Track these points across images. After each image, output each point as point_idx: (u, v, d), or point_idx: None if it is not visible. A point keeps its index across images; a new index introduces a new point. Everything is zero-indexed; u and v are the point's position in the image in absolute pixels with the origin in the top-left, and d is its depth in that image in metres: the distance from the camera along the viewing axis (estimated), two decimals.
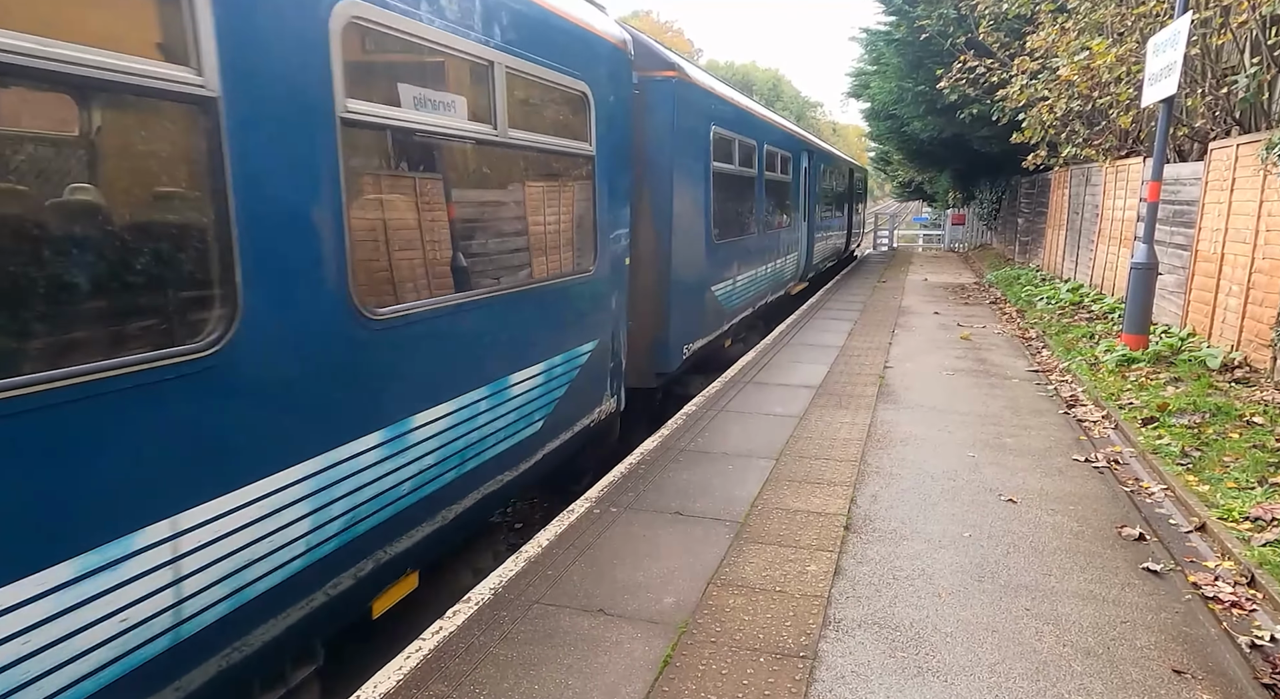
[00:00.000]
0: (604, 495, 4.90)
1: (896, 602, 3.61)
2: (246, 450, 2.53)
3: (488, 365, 4.05)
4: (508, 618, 3.42)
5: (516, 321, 4.38)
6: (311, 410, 2.81)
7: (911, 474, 5.33)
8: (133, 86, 2.17)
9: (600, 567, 3.93)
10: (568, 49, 4.77)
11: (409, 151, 3.64)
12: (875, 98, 23.03)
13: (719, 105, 8.75)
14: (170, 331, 2.33)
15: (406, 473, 3.35)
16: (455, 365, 3.77)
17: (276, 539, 2.65)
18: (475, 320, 3.94)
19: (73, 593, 2.03)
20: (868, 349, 9.92)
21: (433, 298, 3.59)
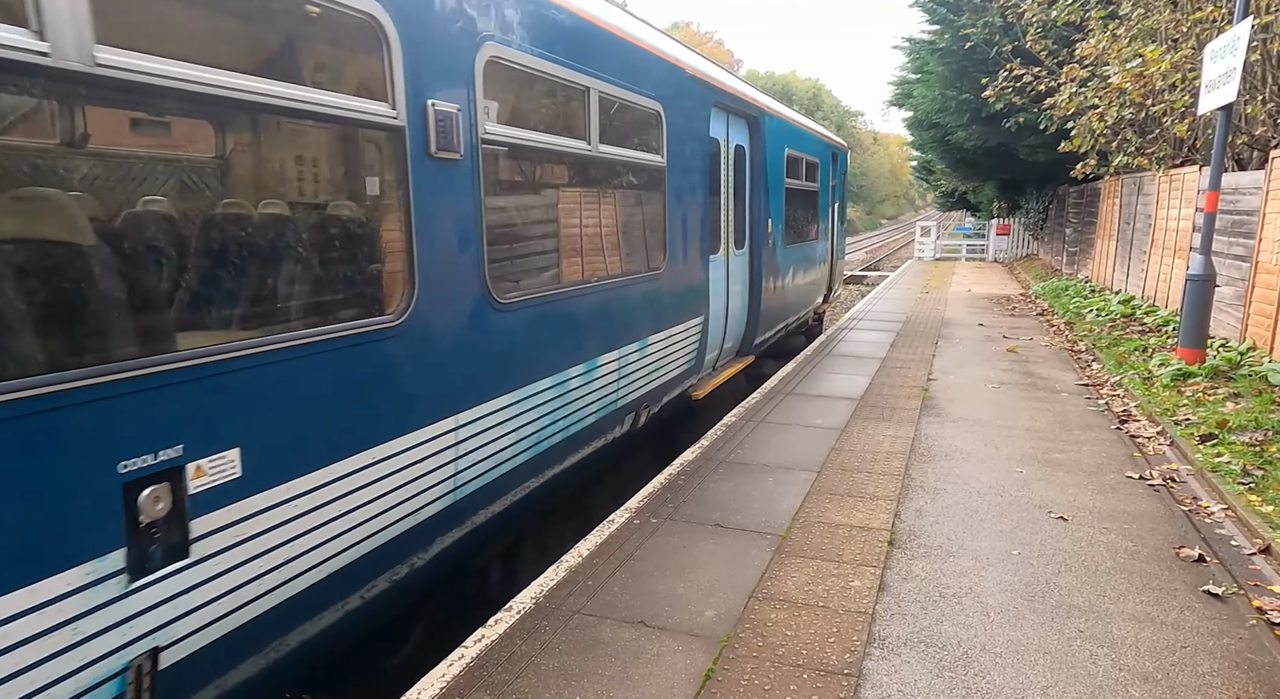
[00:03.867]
0: (643, 506, 4.89)
1: (944, 620, 3.53)
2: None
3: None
4: (549, 628, 3.43)
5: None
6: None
7: (957, 489, 5.23)
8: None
9: (640, 578, 3.92)
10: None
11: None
12: (918, 107, 22.77)
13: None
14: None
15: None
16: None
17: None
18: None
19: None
20: (910, 361, 9.77)
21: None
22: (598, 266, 5.30)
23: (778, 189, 9.27)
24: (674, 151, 6.24)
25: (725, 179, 7.69)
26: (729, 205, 7.82)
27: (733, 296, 8.07)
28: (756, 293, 8.70)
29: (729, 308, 7.98)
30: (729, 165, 7.84)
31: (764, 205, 8.68)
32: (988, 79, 14.37)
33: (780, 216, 9.40)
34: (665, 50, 6.17)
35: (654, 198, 6.06)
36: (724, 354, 8.15)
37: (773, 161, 8.99)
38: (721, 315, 7.71)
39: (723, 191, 7.63)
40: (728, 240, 7.84)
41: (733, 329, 8.21)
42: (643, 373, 5.88)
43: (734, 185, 8.02)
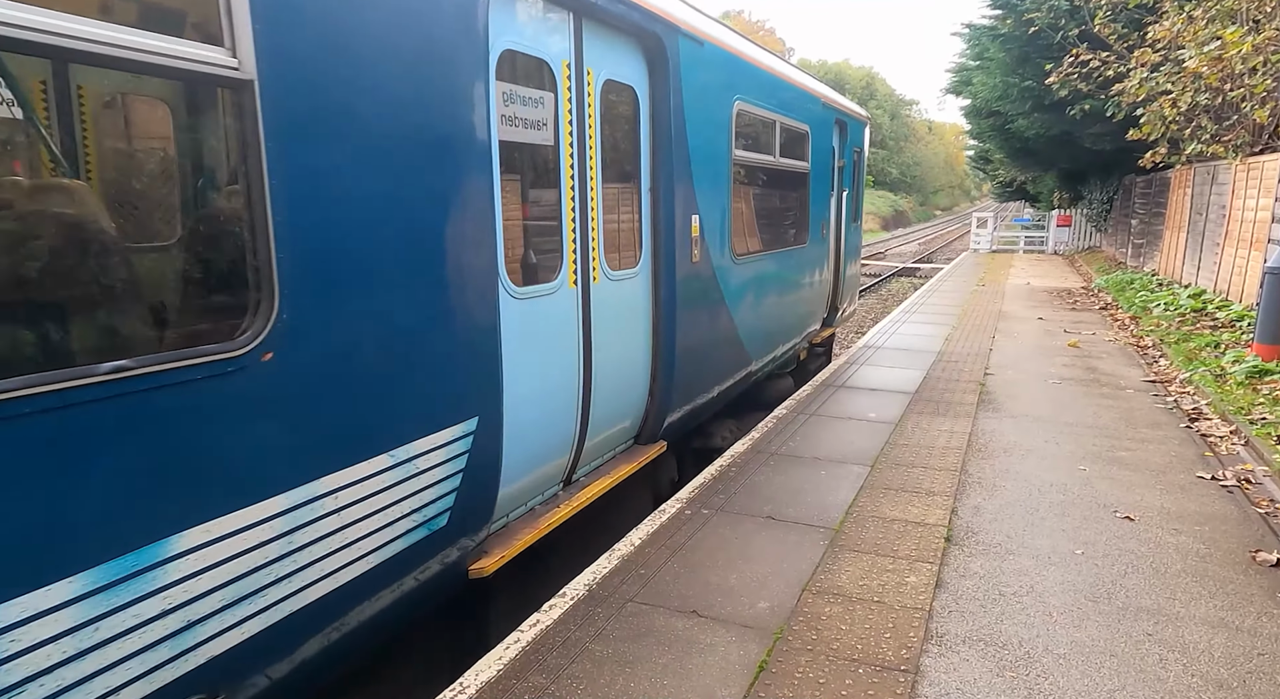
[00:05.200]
0: (695, 497, 4.89)
1: (1003, 619, 3.45)
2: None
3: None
4: (602, 615, 3.45)
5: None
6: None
7: (1017, 486, 5.09)
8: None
9: (693, 568, 3.92)
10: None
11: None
12: (977, 95, 22.15)
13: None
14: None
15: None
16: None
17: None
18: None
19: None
20: (966, 354, 9.55)
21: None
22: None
23: (714, 167, 5.46)
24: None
25: (567, 146, 3.97)
26: (577, 194, 4.06)
27: (602, 353, 4.31)
28: (667, 341, 4.95)
29: (589, 376, 4.23)
30: (578, 119, 4.05)
31: (683, 194, 4.95)
32: (1052, 65, 13.91)
33: (723, 213, 5.67)
34: None
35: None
36: (552, 473, 4.17)
37: (703, 121, 5.20)
38: (553, 398, 3.99)
39: (564, 168, 3.95)
40: (583, 258, 4.13)
41: (604, 413, 4.46)
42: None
43: (596, 158, 4.21)
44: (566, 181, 3.97)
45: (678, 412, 5.27)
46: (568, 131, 3.94)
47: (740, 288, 6.19)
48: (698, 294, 5.38)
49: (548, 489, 4.18)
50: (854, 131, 10.22)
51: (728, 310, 5.94)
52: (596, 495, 4.34)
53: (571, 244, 4.02)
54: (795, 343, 8.16)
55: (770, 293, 7.07)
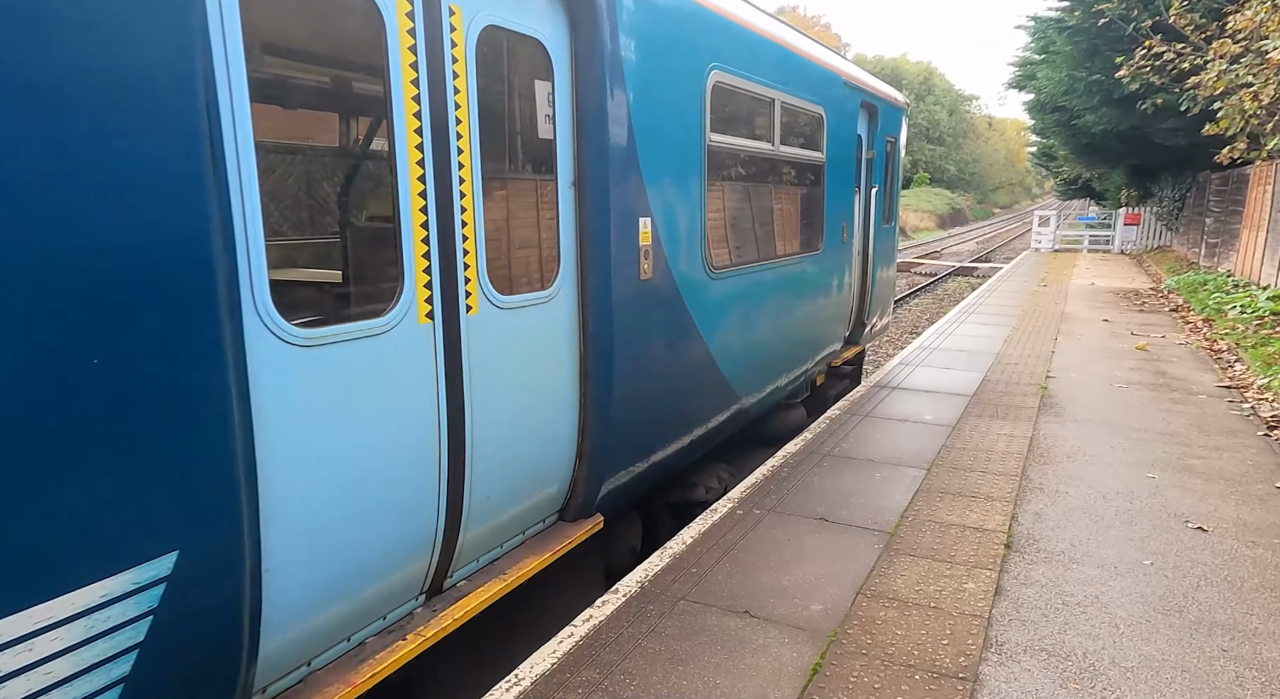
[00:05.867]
0: (746, 497, 4.86)
1: (1067, 629, 3.35)
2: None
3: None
4: (655, 612, 3.46)
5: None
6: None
7: (1081, 493, 4.94)
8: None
9: (745, 568, 3.90)
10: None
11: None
12: (1042, 89, 21.49)
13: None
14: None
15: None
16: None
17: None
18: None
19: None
20: (1027, 357, 9.29)
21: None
22: None
23: (677, 155, 4.22)
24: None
25: (408, 116, 2.72)
26: (431, 188, 2.83)
27: (486, 409, 3.15)
28: (601, 385, 3.75)
29: (460, 443, 3.05)
30: (431, 80, 2.81)
31: (625, 190, 3.76)
32: (1122, 58, 13.41)
33: (692, 214, 4.40)
34: None
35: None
36: (397, 587, 2.92)
37: (659, 94, 4.00)
38: (387, 481, 2.76)
39: (401, 148, 2.72)
40: (445, 280, 2.93)
41: (494, 489, 3.25)
42: None
43: (470, 138, 3.00)
44: (409, 169, 2.68)
45: (622, 475, 4.01)
46: (408, 95, 2.65)
47: (720, 309, 4.83)
48: (651, 321, 4.07)
49: (392, 610, 2.89)
50: (887, 118, 8.61)
51: (700, 339, 4.58)
52: (484, 605, 3.10)
53: (420, 261, 2.75)
54: (807, 369, 6.72)
55: (767, 312, 5.68)
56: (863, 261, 8.30)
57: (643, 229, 3.90)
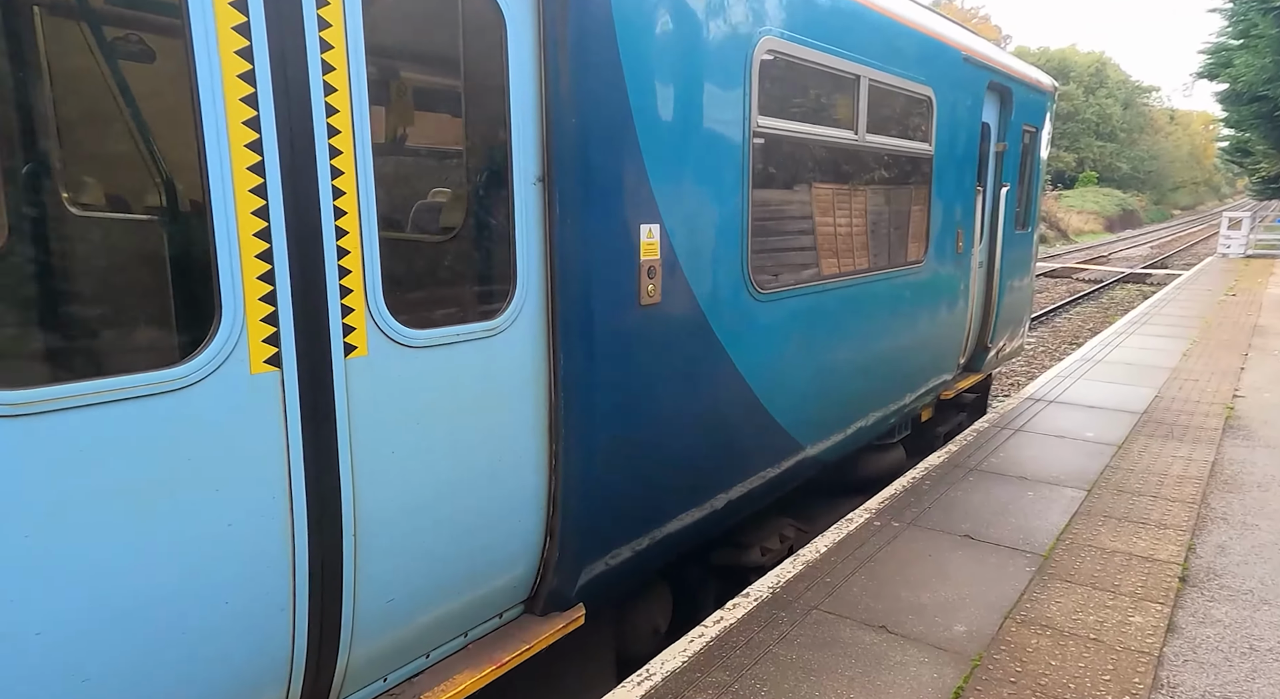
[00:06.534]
0: (885, 508, 4.69)
1: (1255, 677, 3.01)
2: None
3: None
4: (786, 619, 3.41)
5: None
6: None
7: (1274, 527, 4.41)
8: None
9: (881, 582, 3.76)
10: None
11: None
12: (1238, 77, 19.37)
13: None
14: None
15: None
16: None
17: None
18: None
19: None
20: (1209, 373, 8.39)
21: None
22: None
23: (705, 144, 3.32)
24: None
25: (226, 68, 1.89)
26: (283, 175, 2.02)
27: (387, 485, 2.36)
28: (582, 441, 2.94)
29: (338, 531, 2.26)
30: (283, 29, 2.00)
31: (621, 187, 2.94)
32: None
33: (731, 220, 3.53)
34: None
35: None
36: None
37: (676, 63, 3.11)
38: (184, 597, 1.97)
39: (206, 107, 1.87)
40: (308, 309, 2.11)
41: (403, 586, 2.47)
42: None
43: (351, 108, 2.16)
44: (226, 134, 1.89)
45: (616, 554, 3.13)
46: (223, 42, 1.86)
47: (771, 338, 3.88)
48: (659, 358, 3.19)
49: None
50: (1025, 104, 7.17)
51: (739, 377, 3.67)
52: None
53: (251, 283, 1.96)
54: (904, 404, 5.62)
55: (843, 341, 4.59)
56: (987, 275, 6.99)
57: (646, 239, 3.02)
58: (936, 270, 5.75)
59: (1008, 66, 6.73)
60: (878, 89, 4.59)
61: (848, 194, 4.75)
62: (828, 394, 4.48)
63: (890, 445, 5.91)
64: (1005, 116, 6.87)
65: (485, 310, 2.63)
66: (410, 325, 2.34)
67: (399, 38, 2.58)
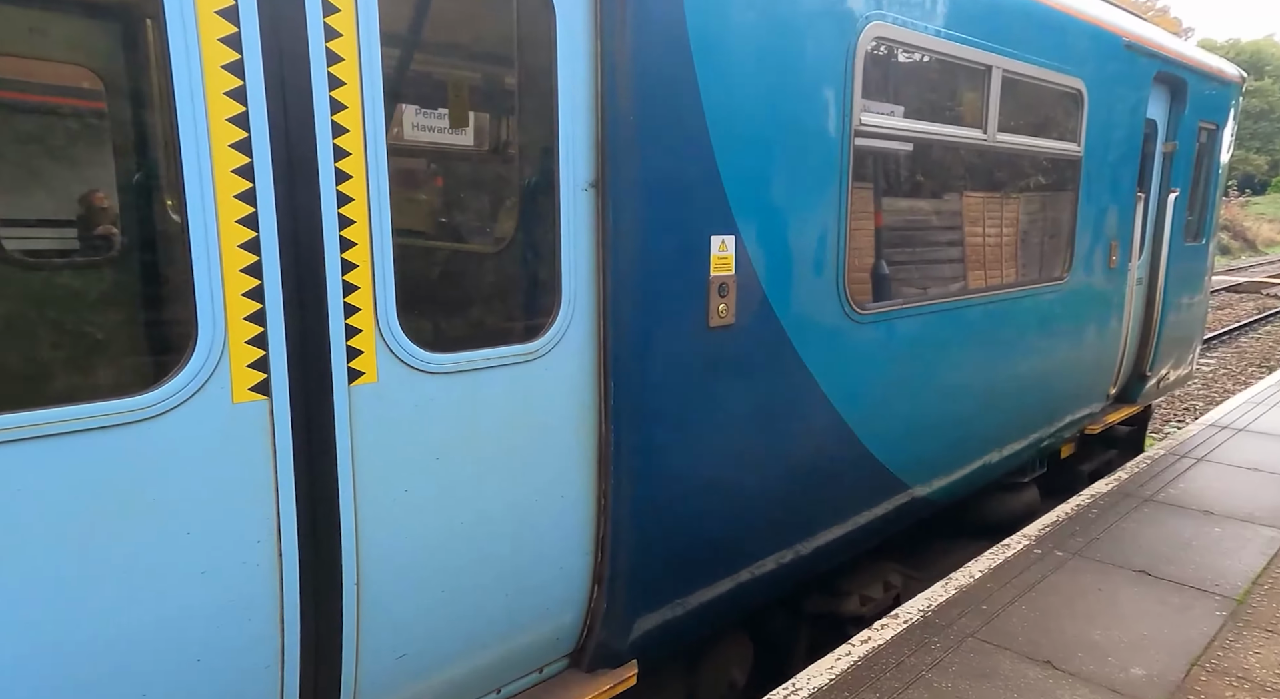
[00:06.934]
0: (1045, 536, 4.38)
1: None
2: None
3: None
4: (939, 645, 3.25)
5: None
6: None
7: None
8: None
9: (1045, 614, 3.51)
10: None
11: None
12: None
13: None
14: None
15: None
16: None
17: None
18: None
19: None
20: None
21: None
22: None
23: (793, 145, 2.92)
24: None
25: (204, 51, 1.69)
26: (276, 174, 1.82)
27: (398, 529, 2.14)
28: (639, 477, 2.62)
29: (337, 580, 2.05)
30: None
31: (688, 194, 2.59)
32: None
33: (826, 230, 3.12)
34: None
35: None
36: None
37: (758, 54, 2.73)
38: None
39: (182, 104, 1.68)
40: (302, 331, 1.90)
41: (418, 641, 2.25)
42: None
43: (361, 102, 1.94)
44: (206, 127, 1.70)
45: (677, 604, 2.83)
46: (205, 28, 1.67)
47: (870, 365, 3.44)
48: (730, 386, 2.83)
49: None
50: (1202, 98, 6.20)
51: (830, 408, 3.26)
52: None
53: (234, 301, 1.77)
54: (1038, 439, 4.96)
55: (961, 368, 4.04)
56: (1147, 293, 6.07)
57: (718, 253, 2.68)
58: (1082, 288, 5.00)
59: (1182, 55, 5.84)
60: (1013, 81, 4.02)
61: (972, 202, 4.28)
62: (939, 428, 3.97)
63: (1021, 485, 5.24)
64: (1177, 112, 5.94)
65: (522, 331, 2.37)
66: (430, 348, 2.08)
67: (422, 26, 2.32)
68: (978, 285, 4.21)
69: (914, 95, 3.72)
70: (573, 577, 2.53)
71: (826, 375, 3.17)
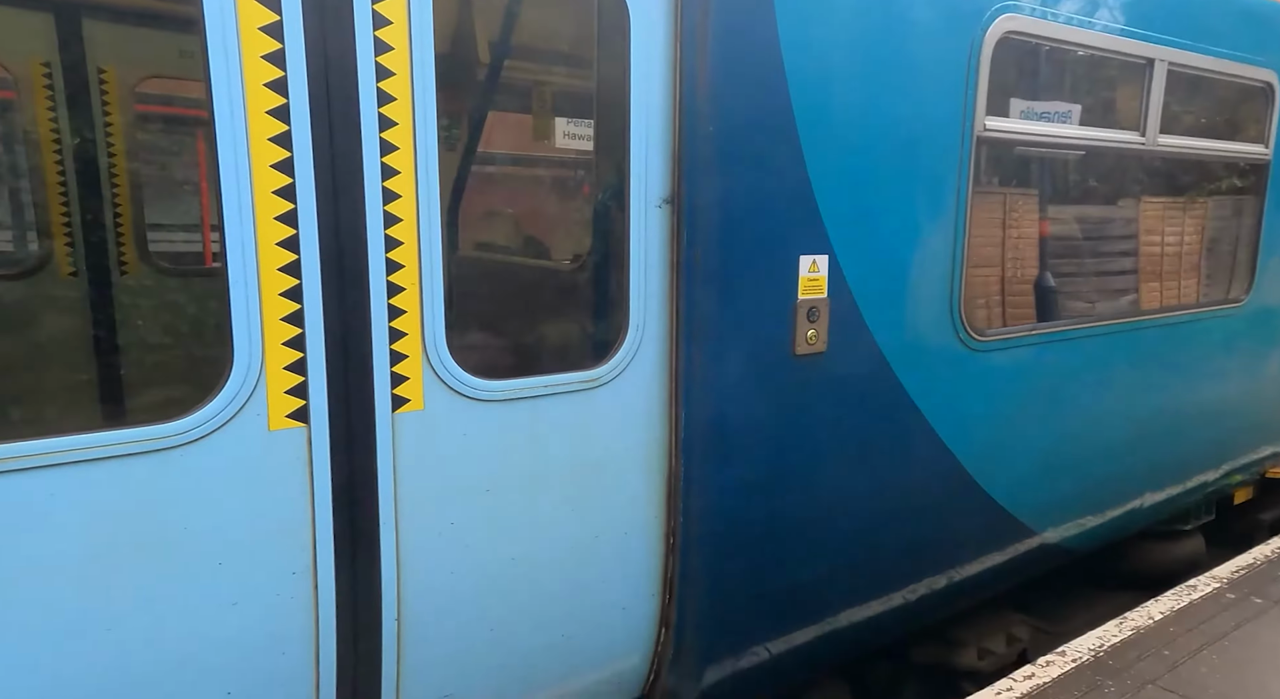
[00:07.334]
0: (1240, 580, 3.92)
1: None
2: None
3: None
4: (1114, 689, 2.96)
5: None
6: None
7: None
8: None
9: (1240, 667, 3.13)
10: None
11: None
12: None
13: None
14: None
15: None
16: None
17: None
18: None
19: None
20: None
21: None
22: None
23: (904, 153, 2.66)
24: None
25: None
26: (317, 192, 1.79)
27: (437, 563, 2.07)
28: (711, 514, 2.44)
29: (371, 616, 1.99)
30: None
31: (774, 207, 2.40)
32: None
33: (947, 246, 2.85)
34: None
35: None
36: None
37: (862, 55, 2.49)
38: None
39: (227, 106, 1.66)
40: (345, 356, 1.85)
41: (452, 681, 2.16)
42: None
43: (411, 102, 1.86)
44: (253, 163, 1.67)
45: (751, 653, 2.64)
46: (247, 46, 1.64)
47: (990, 397, 3.08)
48: (829, 418, 2.63)
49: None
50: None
51: (940, 445, 2.94)
52: None
53: (273, 325, 1.73)
54: (1202, 484, 4.36)
55: (1107, 400, 3.59)
56: None
57: (808, 273, 2.45)
58: (1265, 311, 4.39)
59: None
60: (1180, 76, 3.53)
61: (1123, 214, 3.82)
62: (1076, 469, 3.52)
63: (1182, 533, 4.60)
64: None
65: (584, 357, 2.27)
66: (482, 374, 1.98)
67: (478, 37, 2.22)
68: (1126, 309, 3.78)
69: (1052, 94, 3.36)
70: (637, 619, 2.39)
71: (935, 409, 2.87)
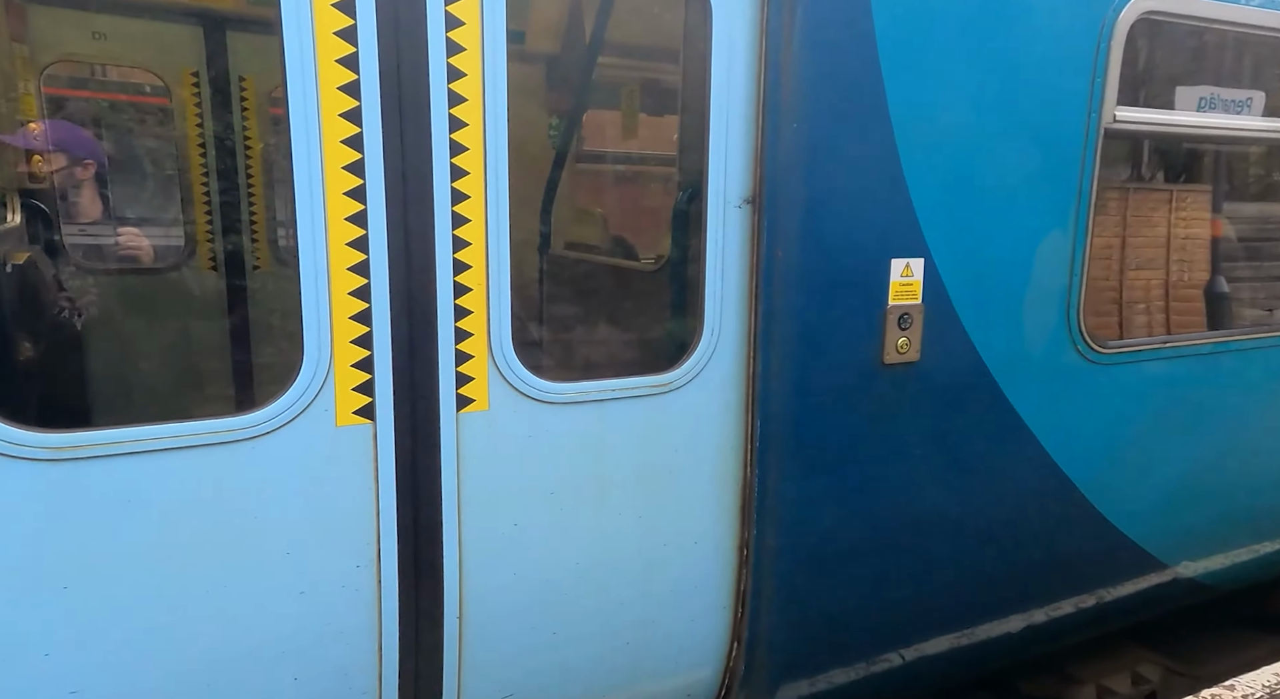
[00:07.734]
0: None
1: None
2: None
3: None
4: None
5: None
6: None
7: None
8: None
9: None
10: None
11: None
12: None
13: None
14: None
15: None
16: None
17: None
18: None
19: None
20: None
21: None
22: None
23: (1012, 149, 2.44)
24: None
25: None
26: (386, 195, 1.84)
27: (503, 569, 2.12)
28: (787, 533, 2.38)
29: (455, 626, 2.08)
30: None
31: (865, 210, 2.30)
32: None
33: (1055, 255, 2.57)
34: None
35: None
36: None
37: (969, 42, 2.32)
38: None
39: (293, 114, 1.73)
40: (411, 351, 1.90)
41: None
42: None
43: (479, 103, 1.88)
44: (325, 167, 1.75)
45: (831, 674, 2.55)
46: (322, 46, 1.71)
47: (1111, 414, 2.80)
48: (922, 432, 2.49)
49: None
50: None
51: (1052, 465, 2.72)
52: None
53: (341, 324, 1.79)
54: None
55: (1254, 423, 3.22)
56: None
57: (900, 278, 2.32)
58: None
59: None
60: None
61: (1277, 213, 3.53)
62: (1217, 497, 3.18)
63: None
64: None
65: (656, 361, 2.28)
66: (548, 376, 1.99)
67: (551, 35, 2.26)
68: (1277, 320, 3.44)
69: (1194, 80, 2.98)
70: (707, 631, 2.35)
71: (1047, 426, 2.65)
